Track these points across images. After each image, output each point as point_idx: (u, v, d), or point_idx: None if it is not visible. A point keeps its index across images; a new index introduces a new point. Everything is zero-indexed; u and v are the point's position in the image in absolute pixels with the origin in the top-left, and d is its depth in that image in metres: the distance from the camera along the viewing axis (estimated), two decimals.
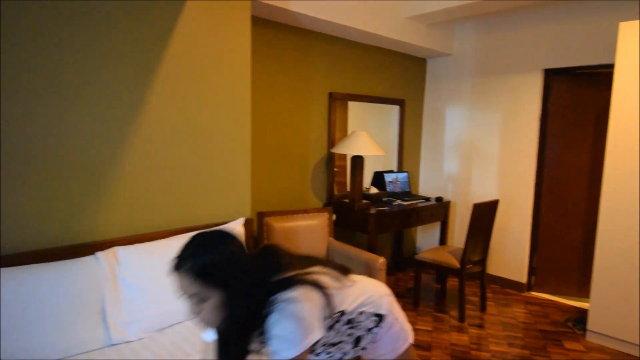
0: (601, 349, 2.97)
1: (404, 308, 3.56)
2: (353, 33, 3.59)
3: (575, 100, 3.75)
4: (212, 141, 2.47)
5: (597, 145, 3.69)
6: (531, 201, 3.94)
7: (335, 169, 3.94)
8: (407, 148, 4.60)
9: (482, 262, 3.57)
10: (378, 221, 3.43)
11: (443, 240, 4.16)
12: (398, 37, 3.76)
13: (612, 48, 3.33)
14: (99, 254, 1.93)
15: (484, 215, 3.36)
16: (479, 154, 4.28)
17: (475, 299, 3.82)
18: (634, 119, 2.78)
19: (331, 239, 3.31)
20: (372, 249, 3.40)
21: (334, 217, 3.72)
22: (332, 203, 3.76)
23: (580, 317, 3.35)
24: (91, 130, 2.02)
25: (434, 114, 4.63)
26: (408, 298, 3.80)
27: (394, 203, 3.86)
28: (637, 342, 2.83)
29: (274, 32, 3.25)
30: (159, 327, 1.99)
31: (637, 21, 2.74)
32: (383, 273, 2.80)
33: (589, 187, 3.75)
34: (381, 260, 2.80)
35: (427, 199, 4.10)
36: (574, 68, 3.64)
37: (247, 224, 2.55)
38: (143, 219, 2.21)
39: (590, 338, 3.08)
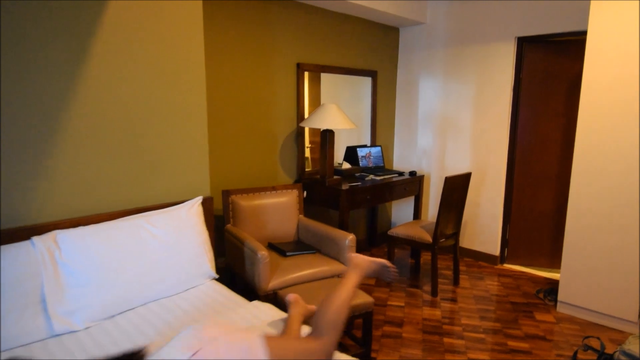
0: (571, 319, 2.98)
1: (377, 285, 3.51)
2: None
3: (549, 69, 3.67)
4: (164, 115, 2.28)
5: (569, 115, 3.64)
6: (504, 172, 3.90)
7: (310, 145, 3.82)
8: (380, 121, 4.48)
9: (455, 235, 3.53)
10: (349, 197, 3.33)
11: (417, 215, 4.10)
12: (368, 3, 3.58)
13: (585, 14, 3.24)
14: (35, 238, 1.76)
15: (456, 188, 3.29)
16: (452, 125, 4.19)
17: (449, 273, 3.80)
18: (606, 88, 2.71)
19: (301, 216, 3.19)
20: (343, 225, 3.30)
21: (305, 194, 3.60)
22: (303, 180, 3.63)
23: (551, 289, 3.35)
24: (26, 105, 1.82)
25: (408, 85, 4.51)
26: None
27: (367, 178, 3.76)
28: (606, 312, 2.85)
29: (245, 3, 3.03)
30: (108, 314, 1.85)
31: None
32: (353, 250, 2.71)
33: (561, 157, 3.72)
34: (350, 237, 2.70)
35: (401, 174, 4.01)
36: (547, 36, 3.54)
37: (206, 203, 2.40)
38: (87, 200, 2.04)
39: (560, 309, 3.09)
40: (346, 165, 3.95)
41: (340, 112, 3.35)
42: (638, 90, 2.59)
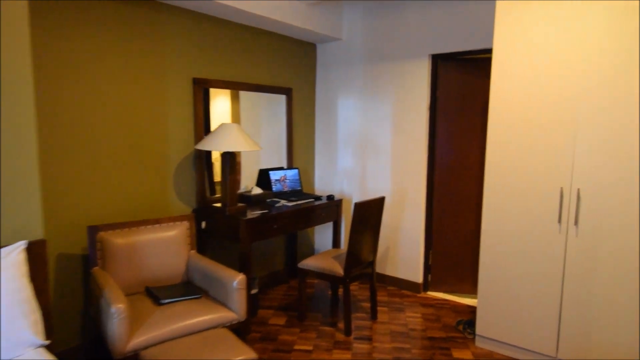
0: (490, 355, 2.76)
1: (288, 325, 3.14)
2: (217, 9, 3.06)
3: (464, 88, 3.54)
4: None
5: (485, 135, 3.52)
6: (424, 194, 3.70)
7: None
8: (298, 142, 4.18)
9: (371, 265, 3.25)
10: (252, 228, 2.96)
11: (336, 243, 3.80)
12: (275, 16, 3.30)
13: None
14: None
15: (369, 214, 3.02)
16: (372, 146, 3.97)
17: (368, 306, 3.51)
18: (512, 106, 2.56)
19: (193, 252, 2.78)
20: (244, 261, 2.92)
21: (203, 224, 3.19)
22: (204, 208, 3.22)
23: (471, 320, 3.14)
24: None
25: (327, 103, 4.26)
26: (297, 310, 3.39)
27: (277, 205, 3.41)
28: (526, 347, 2.64)
29: (113, 4, 2.63)
30: None
31: (514, 1, 2.51)
32: (243, 293, 2.34)
33: (480, 178, 3.58)
34: (239, 278, 2.32)
35: (318, 198, 3.71)
36: (459, 53, 3.42)
37: (35, 249, 1.90)
38: None
39: (479, 343, 2.87)
40: (257, 191, 3.59)
41: (241, 132, 3.00)
42: (542, 109, 2.45)
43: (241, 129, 3.05)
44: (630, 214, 2.22)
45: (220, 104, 3.44)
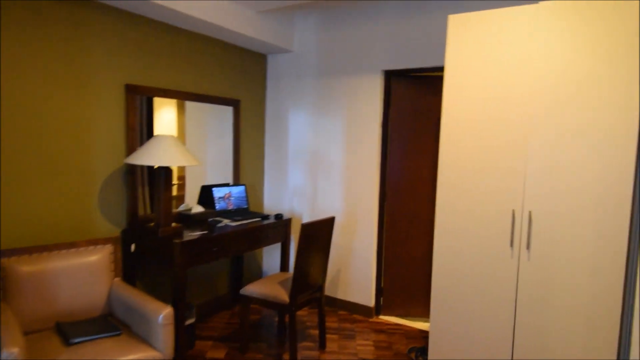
0: None
1: (229, 357, 2.84)
2: (155, 10, 2.81)
3: (417, 105, 3.47)
4: None
5: (438, 155, 3.45)
6: (376, 214, 3.56)
7: (178, 182, 3.20)
8: (247, 157, 3.94)
9: (320, 289, 3.03)
10: (188, 251, 2.67)
11: (284, 266, 3.57)
12: (222, 23, 3.09)
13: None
14: None
15: (318, 235, 2.83)
16: (324, 163, 3.80)
17: (317, 333, 3.28)
18: (464, 126, 2.47)
19: (117, 280, 2.46)
20: (179, 288, 2.62)
21: (133, 247, 2.86)
22: (135, 229, 2.89)
23: (424, 347, 2.99)
24: None
25: (277, 117, 4.06)
26: (239, 341, 3.10)
27: (219, 225, 3.14)
28: None
29: (28, 3, 2.31)
30: None
31: (466, 14, 2.44)
32: (169, 329, 2.05)
33: (432, 197, 3.50)
34: (165, 311, 2.04)
35: (266, 217, 3.48)
36: (412, 70, 3.35)
37: None
38: None
39: None
40: (198, 209, 3.30)
41: (177, 145, 2.74)
42: (494, 129, 2.37)
43: (178, 141, 2.78)
44: (581, 238, 2.16)
45: (166, 115, 3.18)
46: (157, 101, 3.10)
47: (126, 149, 2.90)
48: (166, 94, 3.12)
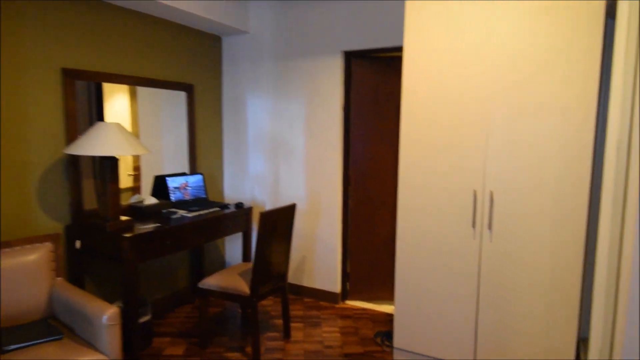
0: None
1: (188, 352, 2.72)
2: None
3: (379, 87, 3.39)
4: None
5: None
6: (340, 199, 3.49)
7: (134, 173, 3.01)
8: (204, 145, 3.76)
9: (283, 278, 2.94)
10: (138, 245, 2.51)
11: (247, 255, 3.45)
12: (168, 1, 2.87)
13: None
14: None
15: (279, 224, 2.72)
16: (285, 149, 3.68)
17: (282, 323, 3.20)
18: (424, 106, 2.41)
19: (60, 280, 2.27)
20: (130, 285, 2.46)
21: (78, 244, 2.67)
22: (80, 224, 2.69)
23: (389, 331, 2.97)
24: None
25: (235, 102, 3.89)
26: (199, 336, 2.97)
27: (174, 216, 2.98)
28: (444, 358, 2.50)
29: None
30: None
31: (423, 0, 2.36)
32: (115, 330, 1.90)
33: (396, 181, 3.45)
34: (109, 312, 1.89)
35: (226, 206, 3.33)
36: (373, 50, 3.26)
37: None
38: None
39: (398, 356, 2.69)
40: (151, 201, 3.12)
41: (122, 133, 2.54)
42: (454, 109, 2.32)
43: (123, 129, 2.59)
44: (541, 216, 2.15)
45: (118, 103, 2.98)
46: (108, 88, 2.88)
47: (66, 139, 2.68)
48: (112, 78, 2.90)
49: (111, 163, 2.57)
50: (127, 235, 2.45)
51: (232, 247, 4.04)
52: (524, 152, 2.16)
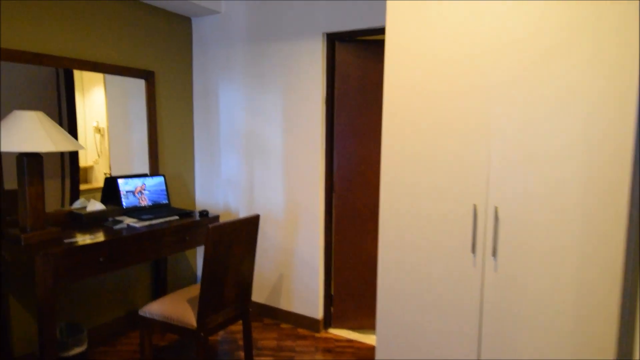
0: None
1: None
2: None
3: (366, 76, 2.86)
4: None
5: None
6: (322, 209, 2.97)
7: (107, 174, 2.63)
8: (169, 142, 3.29)
9: (244, 302, 2.43)
10: (57, 265, 2.03)
11: None
12: None
13: None
14: None
15: (236, 240, 2.21)
16: (260, 148, 3.18)
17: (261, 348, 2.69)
18: (410, 102, 1.87)
19: None
20: (45, 315, 1.99)
21: None
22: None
23: None
24: None
25: (205, 93, 3.40)
26: None
27: (118, 226, 2.51)
28: None
29: None
30: None
31: None
32: None
33: None
34: None
35: (188, 214, 2.85)
36: (359, 32, 2.73)
37: None
38: None
39: None
40: (95, 207, 2.65)
41: (46, 124, 2.08)
42: (447, 104, 1.78)
43: (48, 119, 2.12)
44: (564, 242, 1.59)
45: (95, 94, 2.68)
46: (79, 76, 2.61)
47: None
48: (38, 59, 2.43)
49: (29, 161, 2.11)
50: (42, 252, 1.97)
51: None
52: (539, 158, 1.60)
